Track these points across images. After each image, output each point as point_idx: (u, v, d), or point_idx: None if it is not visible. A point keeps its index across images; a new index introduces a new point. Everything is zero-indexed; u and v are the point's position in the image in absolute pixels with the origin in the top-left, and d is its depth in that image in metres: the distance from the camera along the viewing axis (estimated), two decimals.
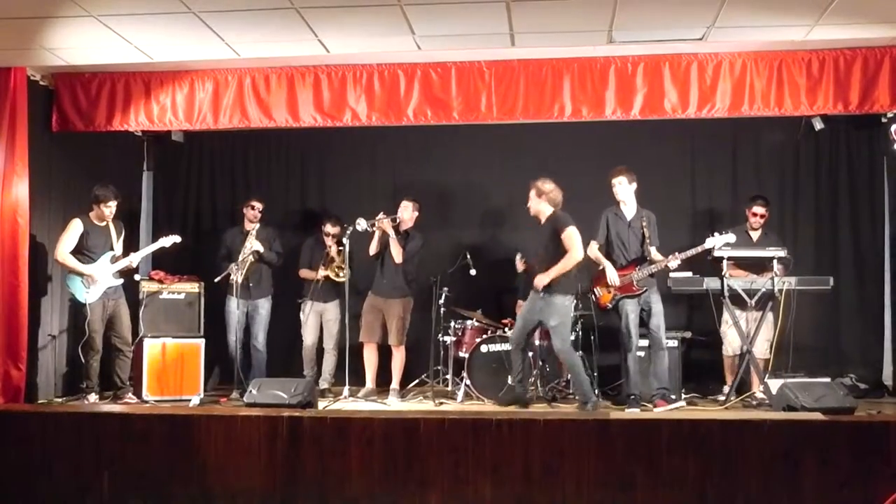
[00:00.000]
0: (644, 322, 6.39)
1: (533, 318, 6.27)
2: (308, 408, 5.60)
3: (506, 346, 6.82)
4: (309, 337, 7.35)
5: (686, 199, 7.88)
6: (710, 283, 6.59)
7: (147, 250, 7.01)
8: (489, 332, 7.00)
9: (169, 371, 6.94)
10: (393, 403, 6.83)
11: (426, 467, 4.66)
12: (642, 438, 4.61)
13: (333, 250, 7.29)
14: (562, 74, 6.45)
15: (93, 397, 6.59)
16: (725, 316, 6.60)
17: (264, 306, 7.34)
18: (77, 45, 5.97)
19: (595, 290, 6.54)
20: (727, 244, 6.36)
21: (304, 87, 6.67)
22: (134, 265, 6.88)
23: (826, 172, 7.74)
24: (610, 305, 6.42)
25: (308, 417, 4.93)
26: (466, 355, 6.79)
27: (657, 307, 6.30)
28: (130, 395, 6.76)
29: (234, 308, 7.17)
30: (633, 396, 6.25)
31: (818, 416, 4.81)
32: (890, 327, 7.40)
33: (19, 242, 6.32)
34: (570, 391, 7.03)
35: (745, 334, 6.58)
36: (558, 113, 6.49)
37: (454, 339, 7.07)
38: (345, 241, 6.94)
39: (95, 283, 6.57)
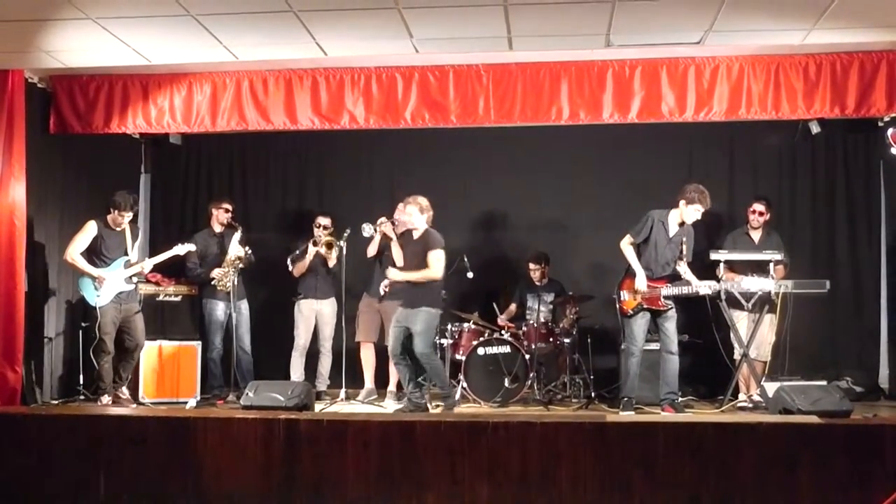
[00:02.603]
0: (656, 326, 6.38)
1: (400, 325, 6.31)
2: (305, 410, 5.60)
3: (503, 349, 6.83)
4: (302, 336, 7.29)
5: None
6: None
7: (160, 258, 6.93)
8: (486, 334, 7.01)
9: (166, 373, 6.95)
10: (390, 406, 6.84)
11: (423, 470, 4.67)
12: (638, 441, 4.62)
13: (324, 233, 7.19)
14: (559, 78, 6.45)
15: (106, 399, 6.57)
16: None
17: (245, 308, 7.27)
18: (75, 47, 5.96)
19: (621, 292, 6.37)
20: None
21: (301, 89, 6.66)
22: (146, 271, 6.88)
23: (823, 176, 7.75)
24: (631, 313, 6.30)
25: (305, 420, 4.93)
26: (463, 358, 6.80)
27: (671, 312, 6.29)
28: (123, 389, 6.78)
29: (221, 311, 7.11)
30: (627, 399, 6.25)
31: (814, 419, 4.81)
32: (886, 330, 7.41)
33: (16, 245, 6.30)
34: (567, 394, 7.07)
35: (743, 337, 6.59)
36: (556, 116, 6.49)
37: (451, 341, 7.07)
38: (342, 243, 6.94)
39: (105, 285, 6.58)
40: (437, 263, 6.30)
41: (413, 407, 6.27)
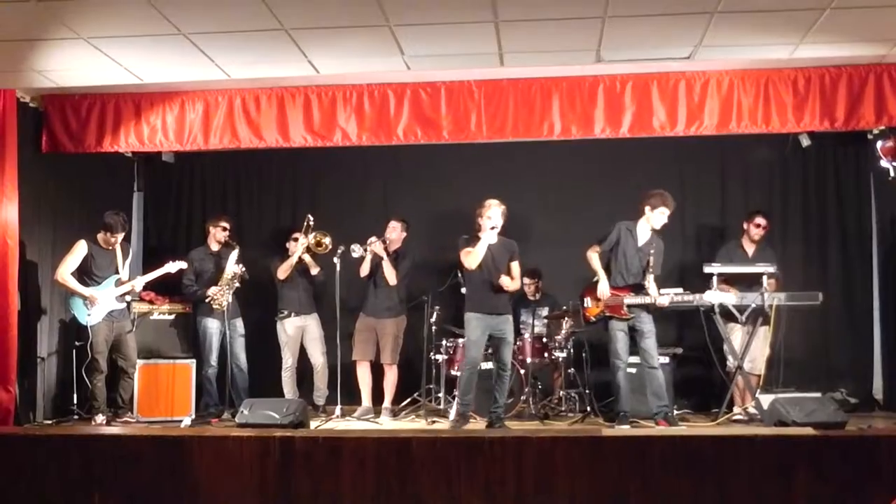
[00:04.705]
0: (635, 342, 6.40)
1: (485, 334, 6.16)
2: (300, 427, 5.57)
3: None
4: (290, 357, 7.28)
5: (675, 216, 7.87)
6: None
7: (151, 276, 6.91)
8: None
9: (160, 392, 6.92)
10: (385, 422, 6.81)
11: (419, 486, 4.64)
12: (635, 455, 4.61)
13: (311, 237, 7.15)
14: (551, 93, 6.49)
15: (100, 418, 6.56)
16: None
17: (240, 325, 7.25)
18: (67, 67, 5.97)
19: (585, 299, 6.48)
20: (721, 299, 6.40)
21: (294, 107, 6.69)
22: (137, 290, 6.85)
23: (814, 188, 7.80)
24: (594, 320, 6.41)
25: (300, 437, 4.90)
26: (458, 373, 6.77)
27: (648, 327, 6.29)
28: (131, 414, 6.77)
29: (216, 329, 7.07)
30: (623, 413, 6.25)
31: (809, 430, 4.81)
32: (879, 341, 7.44)
33: (9, 264, 6.29)
34: (563, 408, 7.06)
35: (738, 350, 6.61)
36: (548, 131, 6.53)
37: (446, 357, 7.06)
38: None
39: (96, 304, 6.55)
40: (519, 274, 6.35)
41: (501, 422, 6.19)
